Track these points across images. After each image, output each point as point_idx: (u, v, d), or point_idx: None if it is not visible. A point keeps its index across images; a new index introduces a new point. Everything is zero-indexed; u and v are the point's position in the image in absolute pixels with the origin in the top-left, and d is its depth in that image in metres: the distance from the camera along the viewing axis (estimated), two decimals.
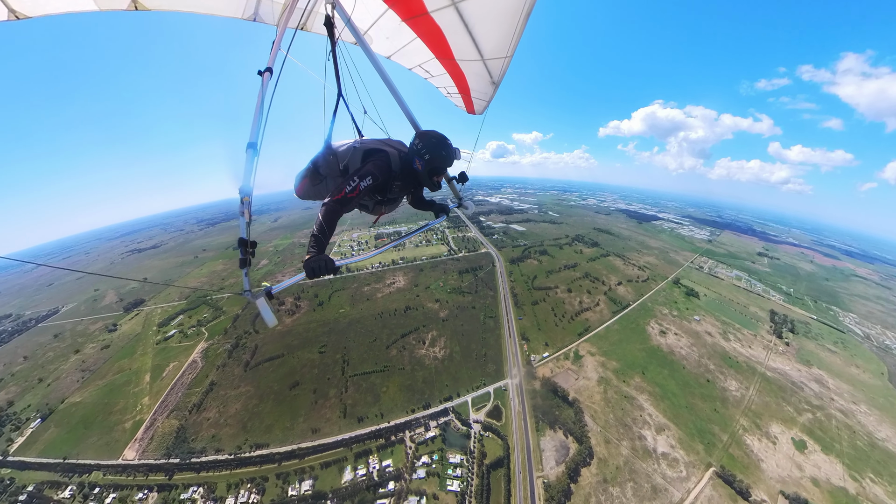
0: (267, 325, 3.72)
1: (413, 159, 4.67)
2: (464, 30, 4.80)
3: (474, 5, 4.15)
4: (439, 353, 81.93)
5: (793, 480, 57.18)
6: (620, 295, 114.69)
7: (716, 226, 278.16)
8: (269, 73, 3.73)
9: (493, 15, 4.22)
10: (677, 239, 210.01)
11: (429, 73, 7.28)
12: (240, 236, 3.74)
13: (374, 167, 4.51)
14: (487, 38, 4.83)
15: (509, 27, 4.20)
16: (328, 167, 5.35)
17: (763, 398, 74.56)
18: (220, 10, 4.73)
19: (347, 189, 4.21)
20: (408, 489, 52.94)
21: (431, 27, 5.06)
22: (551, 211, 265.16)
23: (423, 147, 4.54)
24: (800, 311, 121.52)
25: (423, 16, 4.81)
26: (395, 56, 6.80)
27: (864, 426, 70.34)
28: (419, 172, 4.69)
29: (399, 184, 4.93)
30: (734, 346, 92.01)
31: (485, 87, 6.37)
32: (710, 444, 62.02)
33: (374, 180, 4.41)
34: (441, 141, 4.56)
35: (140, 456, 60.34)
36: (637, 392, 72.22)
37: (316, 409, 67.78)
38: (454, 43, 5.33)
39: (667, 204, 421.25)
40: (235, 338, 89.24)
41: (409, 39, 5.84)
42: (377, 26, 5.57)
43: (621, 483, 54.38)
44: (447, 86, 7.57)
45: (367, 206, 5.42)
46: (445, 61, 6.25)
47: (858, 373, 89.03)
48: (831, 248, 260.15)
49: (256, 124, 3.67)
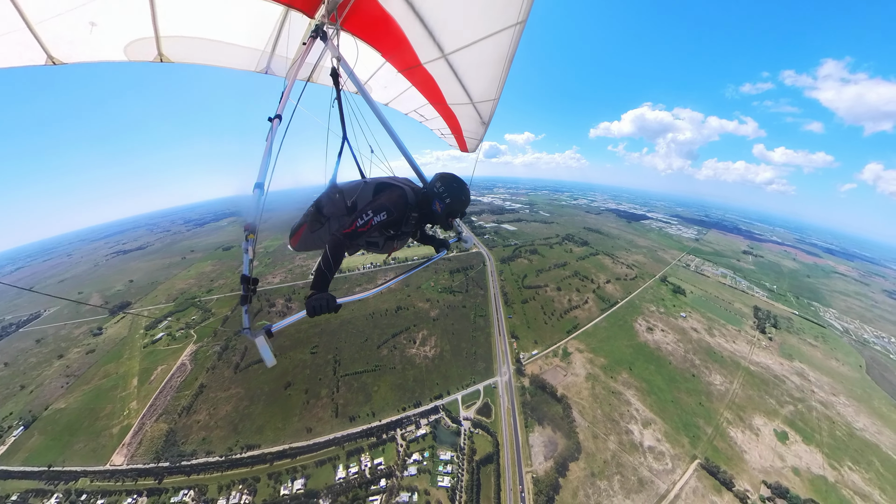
0: (266, 364, 3.57)
1: (433, 201, 4.64)
2: (454, 78, 5.24)
3: (463, 56, 4.61)
4: (430, 352, 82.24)
5: (775, 470, 58.81)
6: (609, 293, 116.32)
7: (703, 225, 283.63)
8: (278, 120, 3.99)
9: (479, 64, 4.67)
10: (665, 238, 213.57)
11: (424, 117, 7.94)
12: (242, 272, 3.77)
13: (389, 201, 4.38)
14: (476, 84, 5.28)
15: (495, 74, 4.69)
16: (333, 206, 5.12)
17: (747, 391, 76.42)
18: (237, 65, 5.22)
19: (359, 223, 4.07)
20: (399, 486, 53.43)
21: (425, 77, 5.55)
22: (542, 210, 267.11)
23: (445, 191, 4.55)
24: (782, 307, 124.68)
25: (416, 67, 5.32)
26: (392, 103, 7.49)
27: (842, 417, 72.64)
28: (437, 214, 4.69)
29: (416, 215, 4.82)
30: (719, 342, 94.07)
31: (476, 128, 6.84)
32: (695, 437, 63.42)
33: (389, 215, 4.24)
34: (462, 186, 4.62)
35: (128, 461, 59.23)
36: (624, 387, 73.45)
37: (308, 409, 67.57)
38: (446, 89, 5.79)
39: (656, 203, 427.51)
40: (225, 339, 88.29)
41: (405, 88, 6.47)
42: (376, 77, 6.16)
43: (609, 476, 55.35)
44: (441, 128, 8.12)
45: (376, 243, 5.08)
46: (439, 106, 6.74)
47: (838, 366, 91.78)
48: (813, 247, 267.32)
49: (264, 166, 3.85)
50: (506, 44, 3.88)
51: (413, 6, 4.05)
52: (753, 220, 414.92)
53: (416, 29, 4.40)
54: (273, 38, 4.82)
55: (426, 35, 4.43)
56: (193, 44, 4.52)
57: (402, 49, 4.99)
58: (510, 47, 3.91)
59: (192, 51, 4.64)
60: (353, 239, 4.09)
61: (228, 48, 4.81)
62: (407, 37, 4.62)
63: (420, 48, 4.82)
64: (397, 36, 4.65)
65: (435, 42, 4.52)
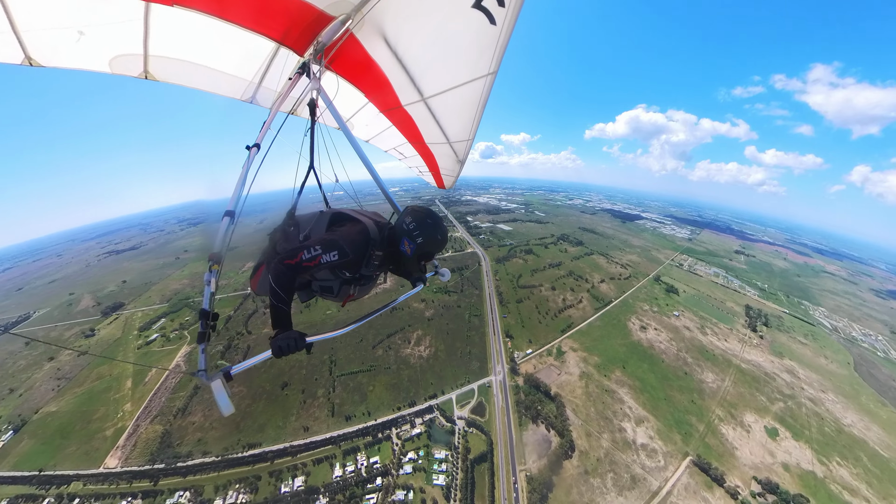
0: (222, 413, 3.03)
1: (401, 240, 3.83)
2: (432, 119, 5.47)
3: (441, 100, 4.88)
4: (424, 351, 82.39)
5: (765, 466, 59.67)
6: (603, 292, 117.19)
7: (696, 225, 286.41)
8: (256, 149, 3.95)
9: (455, 107, 4.91)
10: (659, 237, 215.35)
11: (403, 154, 8.28)
12: (201, 307, 3.33)
13: (344, 238, 3.65)
14: (452, 126, 5.52)
15: (469, 116, 4.90)
16: (287, 240, 4.46)
17: (738, 389, 77.42)
18: (223, 91, 5.34)
19: (305, 256, 3.37)
20: (395, 484, 53.79)
21: (405, 117, 5.81)
22: (538, 211, 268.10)
23: (416, 228, 3.73)
24: (773, 306, 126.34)
25: (397, 108, 5.57)
26: (373, 140, 7.77)
27: (831, 413, 73.86)
28: (406, 256, 3.87)
29: (380, 254, 4.05)
30: (711, 340, 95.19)
31: (452, 166, 7.04)
32: (687, 434, 64.16)
33: (342, 256, 3.51)
34: (437, 223, 3.82)
35: (123, 463, 58.61)
36: (617, 386, 74.10)
37: (305, 408, 67.64)
38: (424, 130, 6.02)
39: (650, 204, 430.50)
40: (227, 338, 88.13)
41: (385, 126, 6.75)
42: (359, 115, 6.45)
43: (602, 474, 55.86)
44: (419, 165, 8.39)
45: (330, 288, 4.29)
46: (417, 145, 7.00)
47: (827, 363, 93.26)
48: (803, 247, 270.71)
49: (237, 194, 3.71)
50: (479, 91, 4.12)
51: (397, 55, 4.26)
52: (745, 221, 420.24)
53: (399, 74, 4.61)
54: (262, 70, 4.94)
55: (408, 80, 4.66)
56: (182, 66, 4.58)
57: (384, 91, 5.20)
58: (483, 94, 4.16)
59: (179, 73, 4.71)
60: (296, 272, 3.38)
61: (217, 75, 4.90)
62: (390, 81, 4.84)
63: (401, 91, 5.04)
64: (380, 79, 4.86)
65: (415, 87, 4.73)
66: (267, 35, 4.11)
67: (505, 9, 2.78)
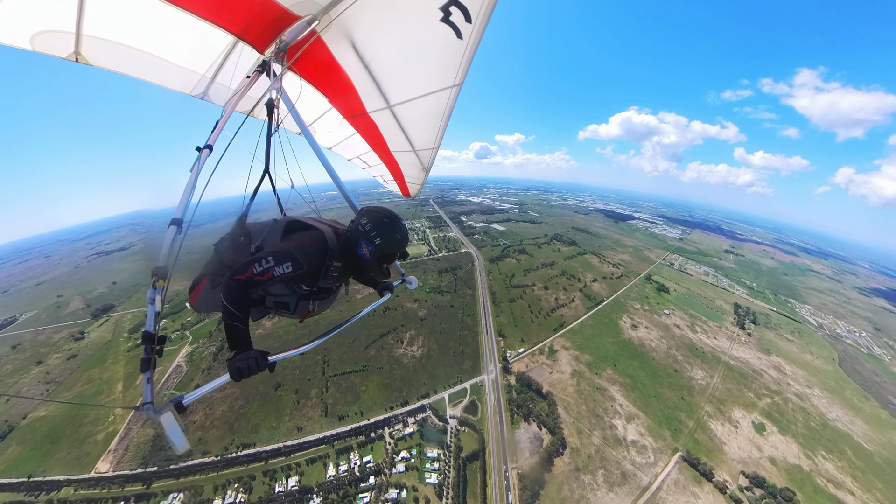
0: (175, 451, 2.71)
1: (358, 242, 3.62)
2: (398, 127, 5.41)
3: (406, 109, 4.89)
4: (417, 351, 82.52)
5: (753, 461, 60.81)
6: (595, 291, 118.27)
7: (687, 225, 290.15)
8: (208, 151, 3.49)
9: (421, 116, 4.95)
10: (651, 237, 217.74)
11: (366, 163, 8.13)
12: (144, 329, 2.90)
13: (298, 248, 3.37)
14: (417, 134, 5.53)
15: (434, 125, 4.96)
16: (236, 251, 4.03)
17: (726, 385, 78.74)
18: (170, 84, 4.78)
19: (256, 269, 3.14)
20: (388, 482, 54.10)
21: (369, 124, 5.72)
22: (532, 211, 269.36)
23: (373, 228, 3.55)
24: (761, 304, 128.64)
25: (362, 115, 5.46)
26: (336, 148, 7.53)
27: (816, 408, 75.45)
28: (366, 260, 3.65)
29: (338, 265, 3.76)
30: (701, 338, 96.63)
31: (417, 174, 7.03)
32: (676, 430, 65.11)
33: (297, 268, 3.25)
34: (395, 221, 3.65)
35: (114, 467, 57.91)
36: (609, 383, 74.93)
37: (298, 408, 67.62)
38: (389, 137, 5.94)
39: (642, 204, 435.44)
40: (221, 340, 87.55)
41: (349, 134, 6.58)
42: (322, 121, 6.20)
43: (592, 471, 56.49)
44: (384, 174, 8.33)
45: (286, 304, 3.96)
46: (381, 153, 6.89)
47: (812, 359, 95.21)
48: (790, 246, 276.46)
49: (186, 199, 3.26)
50: (444, 101, 4.24)
51: (364, 61, 4.16)
52: (735, 221, 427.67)
53: (365, 81, 4.52)
54: (216, 65, 4.50)
55: (374, 87, 4.59)
56: (122, 51, 4.02)
57: (349, 97, 5.04)
58: (448, 104, 4.29)
59: (118, 58, 4.15)
60: (247, 287, 3.14)
61: (163, 65, 4.35)
62: (355, 86, 4.72)
63: (367, 98, 4.92)
64: (346, 85, 4.73)
65: (381, 94, 4.68)
66: (225, 28, 3.82)
67: (471, 25, 2.92)
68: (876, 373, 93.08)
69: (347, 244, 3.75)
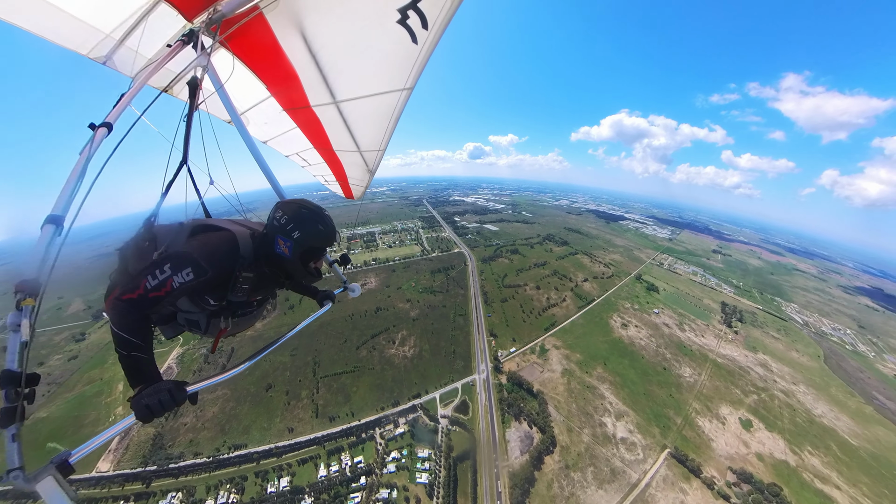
0: None
1: (275, 239, 3.10)
2: (343, 125, 5.03)
3: (354, 107, 4.56)
4: (409, 351, 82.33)
5: (740, 457, 61.67)
6: (586, 291, 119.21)
7: (676, 225, 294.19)
8: (105, 130, 2.75)
9: (369, 116, 4.69)
10: (641, 237, 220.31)
11: (307, 161, 7.43)
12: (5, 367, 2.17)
13: (201, 251, 2.83)
14: (364, 134, 5.19)
15: (382, 127, 4.69)
16: (140, 259, 3.23)
17: (714, 382, 79.85)
18: (63, 39, 3.74)
19: (150, 283, 2.56)
20: (379, 483, 54.22)
21: (312, 119, 5.21)
22: (525, 211, 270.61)
23: (289, 221, 3.06)
24: (748, 303, 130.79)
25: (304, 108, 4.94)
26: (272, 142, 6.69)
27: (802, 404, 76.88)
28: (287, 259, 3.13)
29: (250, 276, 3.13)
30: (689, 336, 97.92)
31: (362, 175, 6.60)
32: (665, 427, 65.84)
33: (199, 274, 2.70)
34: (316, 212, 3.17)
35: (115, 467, 57.98)
36: (599, 382, 75.54)
37: (289, 410, 67.39)
38: (333, 135, 5.51)
39: (633, 205, 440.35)
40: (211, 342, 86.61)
41: (288, 128, 5.95)
42: (257, 111, 5.47)
43: (582, 468, 56.86)
44: (325, 174, 7.71)
45: (196, 322, 3.40)
46: (324, 151, 6.37)
47: (798, 356, 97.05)
48: (777, 246, 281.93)
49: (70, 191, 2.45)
50: (394, 103, 4.08)
51: (312, 50, 3.78)
52: (723, 222, 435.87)
53: (311, 71, 4.11)
54: (128, 24, 3.64)
55: (320, 79, 4.19)
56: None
57: (291, 87, 4.54)
58: (398, 107, 4.12)
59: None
60: (142, 308, 2.59)
61: (55, 13, 3.40)
62: (299, 76, 4.27)
63: (311, 90, 4.48)
64: (288, 72, 4.24)
65: (328, 88, 4.32)
66: None
67: (427, 32, 2.88)
68: (861, 369, 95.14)
69: (263, 244, 3.18)
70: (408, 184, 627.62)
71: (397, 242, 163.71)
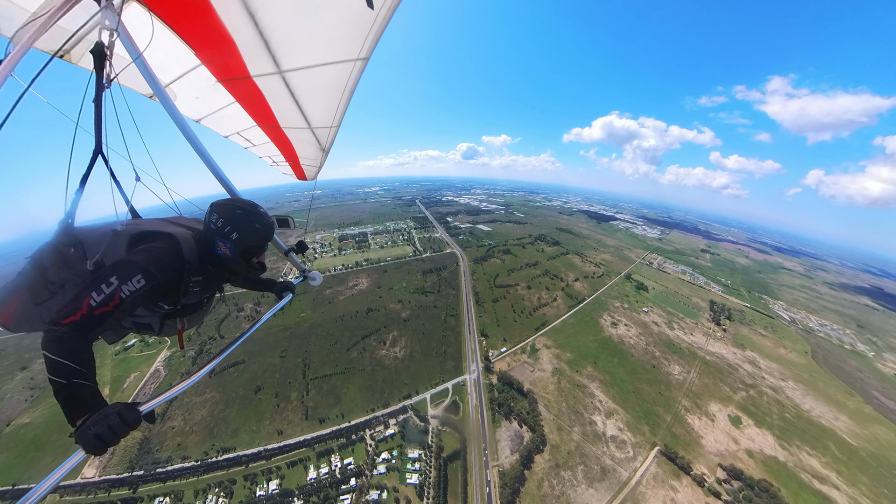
0: None
1: (214, 242, 3.13)
2: (290, 99, 4.46)
3: (302, 77, 4.01)
4: (399, 352, 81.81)
5: (730, 453, 62.05)
6: (577, 290, 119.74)
7: (666, 225, 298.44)
8: None
9: (319, 88, 4.21)
10: (631, 237, 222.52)
11: (250, 142, 6.59)
12: None
13: (148, 257, 2.76)
14: (314, 109, 4.67)
15: (335, 101, 4.24)
16: (66, 266, 3.08)
17: (703, 380, 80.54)
18: None
19: (94, 300, 2.35)
20: (369, 484, 53.88)
21: (253, 92, 4.50)
22: (517, 211, 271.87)
23: (226, 223, 3.06)
24: (736, 301, 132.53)
25: (244, 79, 4.21)
26: (207, 120, 5.82)
27: (791, 399, 77.82)
28: (228, 259, 3.18)
29: (199, 279, 3.22)
30: (678, 334, 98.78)
31: (315, 154, 5.99)
32: (655, 424, 66.14)
33: (149, 279, 2.64)
34: (249, 211, 3.17)
35: (101, 472, 56.84)
36: (589, 380, 75.74)
37: (279, 412, 66.77)
38: (279, 110, 4.87)
39: (624, 205, 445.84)
40: (199, 344, 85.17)
41: (225, 103, 5.08)
42: (185, 82, 4.52)
43: (572, 467, 56.79)
44: (272, 154, 6.99)
45: (149, 325, 3.40)
46: (269, 129, 5.63)
47: (786, 353, 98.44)
48: (764, 245, 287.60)
49: None
50: (347, 74, 3.68)
51: (249, 7, 3.19)
52: (711, 221, 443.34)
53: (249, 34, 3.46)
54: None
55: (260, 44, 3.56)
56: None
57: (225, 52, 3.80)
58: (351, 78, 3.72)
59: None
60: (87, 329, 2.33)
61: None
62: (234, 39, 3.57)
63: (250, 57, 3.81)
64: (221, 35, 3.50)
65: (270, 54, 3.70)
66: None
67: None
68: (860, 369, 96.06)
69: (205, 248, 3.22)
70: (401, 184, 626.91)
71: (389, 243, 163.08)
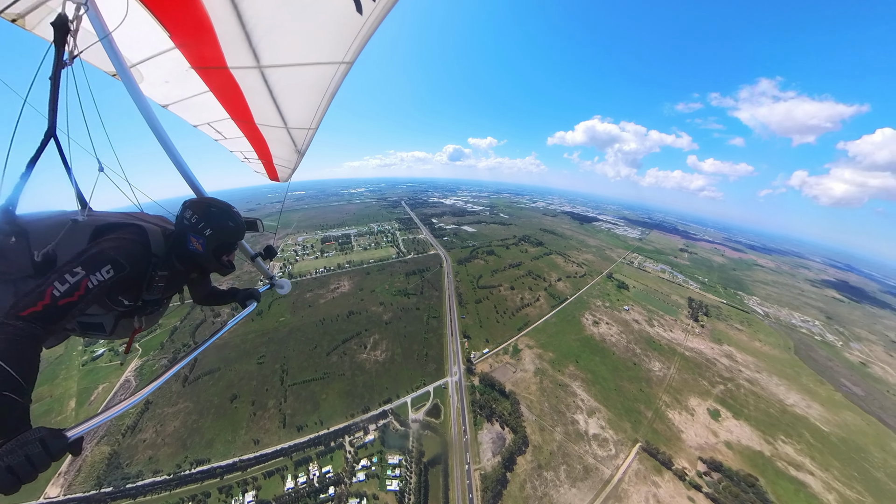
0: None
1: (187, 237, 3.08)
2: (268, 95, 4.29)
3: (282, 74, 3.87)
4: (380, 356, 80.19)
5: (709, 446, 63.03)
6: (559, 290, 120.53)
7: (646, 226, 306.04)
8: None
9: (299, 88, 4.05)
10: (613, 238, 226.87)
11: (221, 134, 6.28)
12: None
13: (116, 247, 2.59)
14: (292, 109, 4.52)
15: (314, 103, 4.12)
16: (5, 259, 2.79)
17: (682, 375, 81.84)
18: None
19: (58, 290, 2.15)
20: (348, 492, 52.44)
21: (229, 84, 4.29)
22: (502, 213, 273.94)
23: (200, 220, 3.05)
24: (713, 297, 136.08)
25: (220, 69, 4.00)
26: (175, 107, 5.53)
27: (766, 390, 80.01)
28: (200, 255, 3.15)
29: (164, 275, 3.14)
30: (658, 331, 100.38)
31: (289, 155, 5.88)
32: (636, 421, 66.58)
33: (118, 270, 2.48)
34: (224, 209, 3.21)
35: (66, 491, 53.73)
36: (571, 380, 75.83)
37: (255, 420, 64.49)
38: (255, 106, 4.67)
39: (606, 207, 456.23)
40: (173, 352, 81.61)
41: (198, 91, 4.81)
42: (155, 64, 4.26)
43: (555, 467, 56.45)
44: (244, 150, 6.78)
45: (100, 325, 3.17)
46: (243, 124, 5.41)
47: (761, 346, 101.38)
48: (738, 244, 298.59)
49: None
50: (329, 77, 3.56)
51: None
52: (689, 222, 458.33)
53: (230, 24, 3.26)
54: None
55: (241, 36, 3.37)
56: None
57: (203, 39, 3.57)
58: (333, 81, 3.60)
59: None
60: (48, 321, 2.10)
61: None
62: (214, 28, 3.37)
63: (229, 48, 3.58)
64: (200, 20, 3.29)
65: (251, 47, 3.50)
66: None
67: (375, 3, 2.58)
68: (829, 358, 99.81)
69: (176, 243, 3.19)
70: (387, 185, 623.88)
71: (373, 245, 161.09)
